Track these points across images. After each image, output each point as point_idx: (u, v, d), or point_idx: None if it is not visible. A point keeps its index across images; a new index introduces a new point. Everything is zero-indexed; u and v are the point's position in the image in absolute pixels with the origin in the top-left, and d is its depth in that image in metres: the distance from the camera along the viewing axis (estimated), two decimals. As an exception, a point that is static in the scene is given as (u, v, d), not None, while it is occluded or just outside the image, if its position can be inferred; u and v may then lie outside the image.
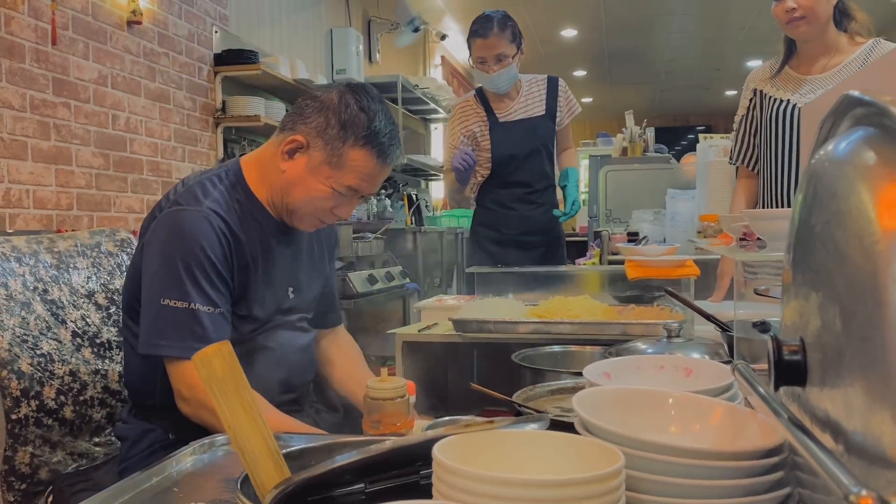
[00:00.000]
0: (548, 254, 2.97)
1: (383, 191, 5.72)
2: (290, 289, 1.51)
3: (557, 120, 2.93)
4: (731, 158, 2.57)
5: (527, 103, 2.92)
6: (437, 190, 8.14)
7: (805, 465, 0.58)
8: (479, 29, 2.76)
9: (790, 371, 0.55)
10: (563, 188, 2.99)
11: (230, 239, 1.37)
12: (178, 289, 1.30)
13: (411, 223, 6.34)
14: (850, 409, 0.47)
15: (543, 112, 2.91)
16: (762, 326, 1.20)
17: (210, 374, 0.70)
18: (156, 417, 1.41)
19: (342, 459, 0.68)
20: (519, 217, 2.90)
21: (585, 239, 5.29)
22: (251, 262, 1.41)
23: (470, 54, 2.86)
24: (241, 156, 1.53)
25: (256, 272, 1.42)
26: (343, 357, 1.69)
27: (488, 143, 2.86)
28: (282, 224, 1.48)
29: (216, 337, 1.29)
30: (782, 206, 2.33)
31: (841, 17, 2.26)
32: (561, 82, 2.97)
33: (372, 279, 4.18)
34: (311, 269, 1.57)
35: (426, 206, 7.15)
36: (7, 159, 2.76)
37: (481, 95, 2.91)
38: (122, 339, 1.65)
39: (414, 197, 6.69)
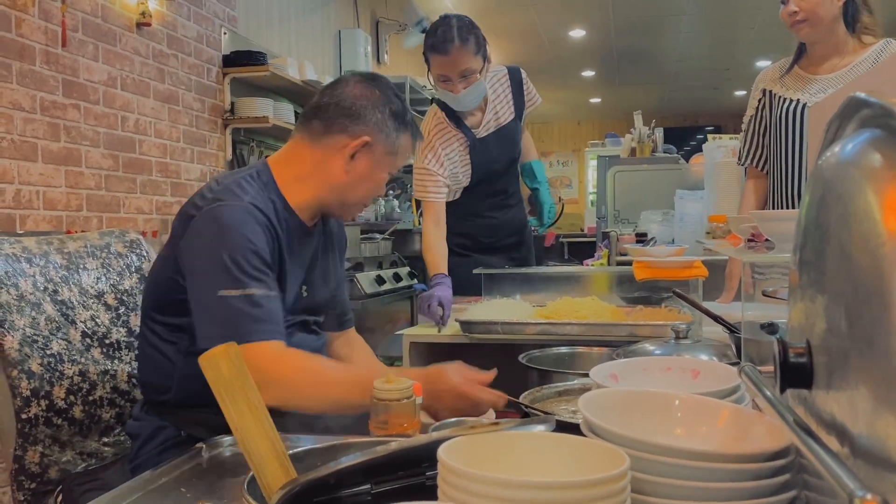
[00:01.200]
0: (519, 253, 2.77)
1: (391, 192, 5.73)
2: (304, 287, 1.52)
3: (523, 115, 2.68)
4: (739, 159, 2.56)
5: (496, 111, 2.61)
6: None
7: (811, 468, 0.58)
8: (437, 43, 2.35)
9: (796, 373, 0.55)
10: (535, 191, 2.72)
11: (270, 232, 1.38)
12: (232, 279, 1.28)
13: (419, 224, 6.35)
14: (855, 411, 0.47)
15: (513, 115, 2.63)
16: (770, 328, 1.19)
17: (217, 376, 0.70)
18: (169, 414, 1.41)
19: (348, 460, 0.68)
20: (495, 223, 2.69)
21: (594, 240, 5.28)
22: (279, 259, 1.42)
23: (428, 69, 2.47)
24: (266, 157, 1.54)
25: (283, 270, 1.43)
26: (357, 358, 1.70)
27: (468, 162, 2.56)
28: (303, 225, 1.50)
29: (274, 319, 1.28)
30: (792, 207, 2.32)
31: (850, 17, 2.25)
32: (523, 74, 2.67)
33: (379, 280, 4.19)
34: (323, 270, 1.59)
35: (434, 206, 7.14)
36: (17, 160, 2.78)
37: (447, 110, 2.54)
38: (130, 340, 1.66)
39: (422, 198, 6.69)
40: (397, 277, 4.46)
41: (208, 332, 1.28)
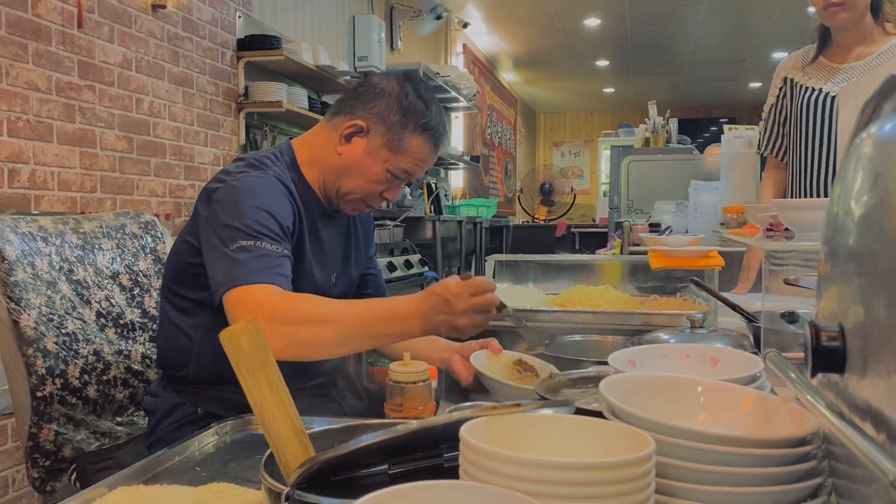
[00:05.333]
0: None
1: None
2: (334, 274, 1.52)
3: None
4: (759, 147, 2.54)
5: None
6: (457, 179, 8.12)
7: (842, 454, 0.57)
8: None
9: (829, 357, 0.54)
10: None
11: (292, 204, 1.37)
12: (248, 233, 1.25)
13: (430, 212, 6.34)
14: (893, 396, 0.46)
15: None
16: (790, 317, 1.18)
17: (237, 352, 0.70)
18: (187, 391, 1.42)
19: (368, 439, 0.68)
20: None
21: (605, 230, 5.26)
22: (302, 238, 1.41)
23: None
24: (290, 139, 1.54)
25: (305, 251, 1.42)
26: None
27: None
28: (326, 208, 1.49)
29: (282, 271, 1.24)
30: (812, 197, 2.30)
31: (877, 6, 2.22)
32: None
33: (391, 266, 4.18)
34: (352, 257, 1.59)
35: (445, 195, 7.14)
36: (33, 141, 2.78)
37: None
38: (144, 321, 1.66)
39: (433, 186, 6.69)
40: (408, 265, 4.46)
41: (220, 282, 1.23)
